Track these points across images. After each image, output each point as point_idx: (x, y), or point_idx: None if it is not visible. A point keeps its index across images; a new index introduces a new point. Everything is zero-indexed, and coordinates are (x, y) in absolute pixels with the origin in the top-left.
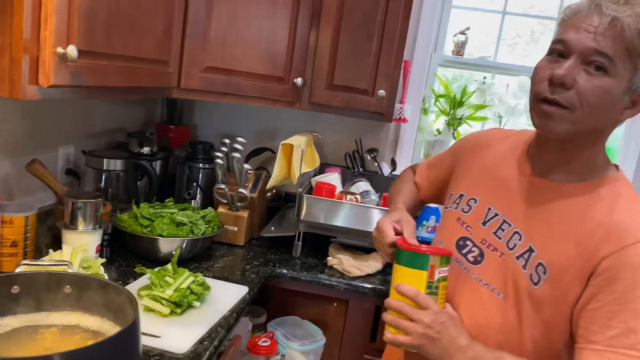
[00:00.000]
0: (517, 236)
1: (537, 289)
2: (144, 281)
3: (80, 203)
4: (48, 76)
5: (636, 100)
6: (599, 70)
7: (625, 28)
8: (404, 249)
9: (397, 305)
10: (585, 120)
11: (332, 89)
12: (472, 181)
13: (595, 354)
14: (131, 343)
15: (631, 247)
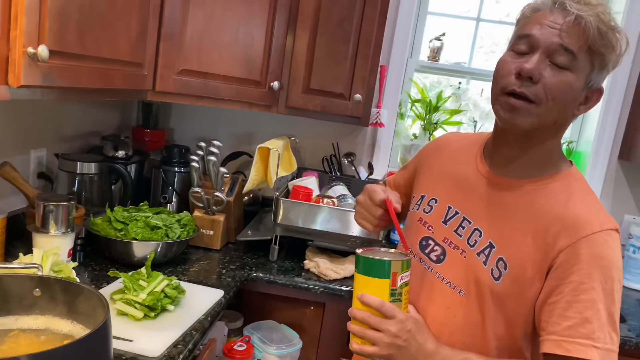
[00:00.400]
0: (477, 233)
1: (498, 284)
2: (117, 285)
3: (52, 206)
4: (18, 76)
5: (589, 96)
6: (563, 65)
7: (588, 26)
8: (364, 257)
9: (362, 315)
10: (549, 114)
11: (309, 92)
12: (432, 182)
13: (553, 344)
14: (101, 345)
15: (586, 239)
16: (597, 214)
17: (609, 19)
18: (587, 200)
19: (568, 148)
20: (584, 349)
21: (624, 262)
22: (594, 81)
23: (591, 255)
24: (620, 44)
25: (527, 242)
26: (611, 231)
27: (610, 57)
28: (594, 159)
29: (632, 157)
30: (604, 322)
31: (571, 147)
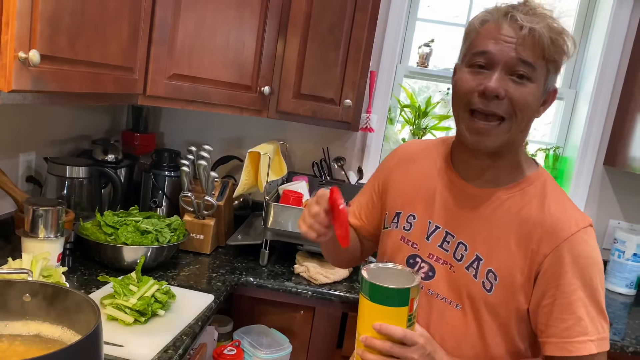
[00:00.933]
0: (462, 247)
1: (490, 295)
2: (107, 290)
3: (42, 210)
4: (9, 81)
5: (547, 99)
6: (523, 78)
7: (542, 38)
8: (380, 286)
9: (384, 347)
10: (518, 126)
11: (299, 97)
12: (405, 198)
13: (555, 346)
14: (92, 351)
15: (567, 242)
16: (572, 214)
17: (558, 25)
18: (561, 201)
19: (555, 153)
20: (583, 346)
21: (609, 266)
22: (550, 84)
23: (573, 257)
24: (569, 46)
25: (512, 251)
26: (587, 228)
27: (562, 61)
28: (580, 165)
29: (617, 163)
30: (594, 316)
31: (557, 152)
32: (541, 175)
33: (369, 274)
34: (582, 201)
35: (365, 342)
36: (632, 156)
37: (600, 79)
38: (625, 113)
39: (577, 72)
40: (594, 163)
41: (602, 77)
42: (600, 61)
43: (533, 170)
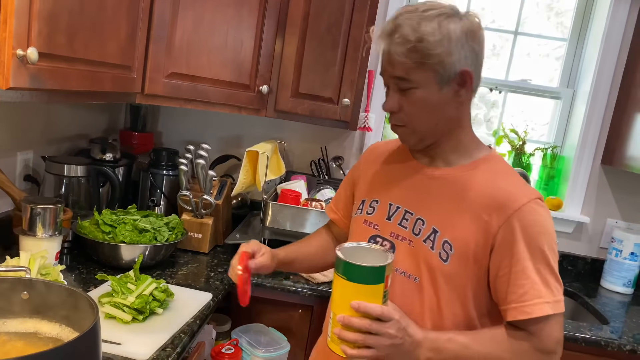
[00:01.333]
0: (420, 222)
1: (447, 265)
2: (105, 288)
3: (39, 209)
4: (7, 78)
5: (460, 82)
6: (407, 88)
7: (395, 56)
8: (357, 265)
9: (363, 324)
10: (423, 129)
11: (298, 96)
12: (370, 187)
13: (515, 311)
14: (90, 349)
15: (517, 212)
16: (522, 188)
17: (409, 36)
18: (511, 177)
19: (552, 153)
20: (539, 307)
21: (607, 265)
22: (448, 73)
23: (524, 227)
24: (437, 39)
25: (466, 223)
26: (536, 200)
27: (437, 55)
28: (577, 164)
29: (614, 162)
30: (548, 280)
31: (555, 152)
32: (493, 158)
33: (343, 254)
34: (580, 200)
35: (342, 321)
36: (629, 155)
37: (598, 78)
38: (623, 112)
39: (574, 71)
40: (592, 162)
41: (599, 76)
42: (598, 60)
43: (485, 153)
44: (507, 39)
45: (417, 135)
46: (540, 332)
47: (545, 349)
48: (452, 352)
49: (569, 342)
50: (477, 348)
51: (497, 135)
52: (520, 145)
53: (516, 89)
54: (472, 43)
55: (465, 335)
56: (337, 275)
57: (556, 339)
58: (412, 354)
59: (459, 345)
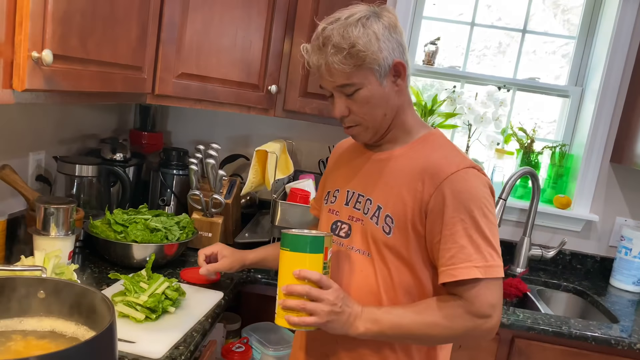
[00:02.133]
0: (368, 202)
1: (390, 237)
2: (117, 287)
3: (53, 209)
4: (22, 80)
5: (395, 72)
6: (352, 92)
7: (332, 67)
8: (298, 235)
9: (304, 289)
10: (375, 123)
11: (306, 96)
12: (333, 179)
13: (443, 274)
14: (107, 347)
15: (447, 180)
16: (454, 158)
17: (341, 44)
18: (446, 150)
19: (561, 151)
20: (467, 271)
21: (616, 263)
22: (384, 67)
23: (453, 193)
24: (367, 41)
25: (404, 196)
26: (467, 169)
27: (370, 54)
28: (586, 162)
29: (624, 160)
30: (480, 244)
31: (564, 150)
32: (432, 135)
33: (289, 231)
34: (589, 199)
35: (285, 290)
36: (639, 153)
37: (607, 75)
38: (632, 110)
39: (583, 69)
40: (601, 160)
41: (608, 74)
42: (607, 58)
43: (425, 131)
44: (512, 36)
45: (370, 130)
46: (471, 296)
47: (478, 312)
48: (388, 321)
49: (578, 340)
50: (413, 316)
51: (506, 134)
52: (528, 143)
53: (524, 87)
54: (396, 35)
55: (403, 306)
56: (282, 250)
57: (489, 303)
58: (352, 324)
59: (395, 315)
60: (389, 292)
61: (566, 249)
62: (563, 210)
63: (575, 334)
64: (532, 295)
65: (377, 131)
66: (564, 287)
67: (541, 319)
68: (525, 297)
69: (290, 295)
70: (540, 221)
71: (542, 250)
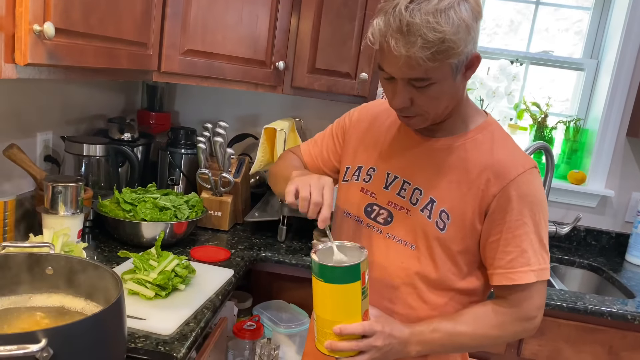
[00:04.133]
0: (417, 192)
1: (444, 233)
2: (127, 265)
3: (61, 187)
4: (25, 54)
5: (469, 65)
6: (423, 85)
7: (418, 60)
8: (331, 266)
9: (351, 347)
10: (436, 114)
11: (314, 72)
12: (367, 153)
13: (501, 277)
14: (116, 321)
15: (513, 182)
16: (518, 157)
17: (431, 38)
18: (508, 145)
19: (575, 126)
20: (525, 275)
21: (632, 239)
22: (459, 64)
23: (519, 195)
24: (457, 35)
25: (463, 192)
26: (532, 169)
27: (457, 53)
28: (602, 137)
29: None
30: (537, 248)
31: (578, 125)
32: (490, 125)
33: (318, 257)
34: (604, 174)
35: (330, 348)
36: None
37: (623, 48)
38: None
39: (598, 41)
40: (617, 135)
41: (625, 46)
42: (623, 30)
43: (482, 120)
44: (525, 14)
45: (429, 121)
46: (522, 299)
47: (527, 315)
48: (439, 340)
49: (594, 316)
50: (462, 330)
51: (519, 109)
52: (542, 118)
53: (538, 60)
54: (478, 24)
55: (449, 320)
56: (314, 278)
57: (537, 306)
58: (402, 352)
59: (444, 333)
60: (431, 284)
61: (581, 225)
62: (577, 185)
63: (590, 310)
64: None
65: (434, 121)
66: (579, 263)
67: (555, 294)
68: None
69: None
70: (554, 197)
71: (556, 227)
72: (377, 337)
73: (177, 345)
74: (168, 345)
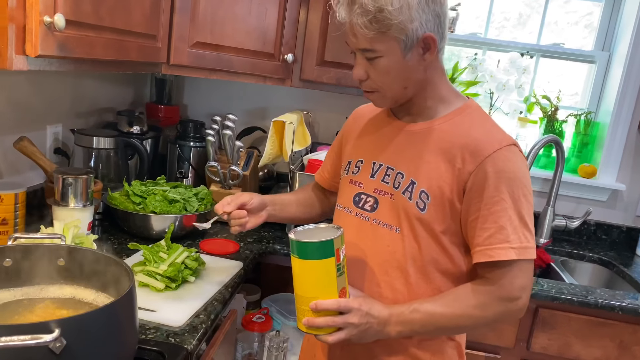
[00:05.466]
0: (400, 176)
1: (424, 214)
2: (137, 258)
3: (71, 179)
4: (35, 46)
5: (424, 46)
6: (373, 57)
7: (357, 27)
8: (304, 242)
9: (326, 322)
10: (392, 91)
11: (323, 65)
12: (356, 148)
13: (479, 254)
14: (128, 312)
15: (489, 158)
16: (495, 135)
17: (370, 7)
18: (486, 125)
19: (586, 119)
20: (504, 252)
21: None
22: (411, 40)
23: (495, 171)
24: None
25: (441, 172)
26: (510, 146)
27: (398, 23)
28: (613, 130)
29: None
30: (517, 225)
31: (589, 118)
32: (469, 107)
33: (295, 235)
34: (615, 168)
35: (307, 324)
36: None
37: (636, 39)
38: None
39: (610, 33)
40: (628, 128)
41: (637, 38)
42: (636, 21)
43: (461, 103)
44: (534, 7)
45: (388, 100)
46: (503, 278)
47: (509, 295)
48: (419, 320)
49: (604, 310)
50: (442, 311)
51: (529, 102)
52: (552, 111)
53: (549, 53)
54: (434, 6)
55: (430, 301)
56: (292, 256)
57: (520, 285)
58: (382, 332)
59: (423, 313)
60: (417, 267)
61: (591, 219)
62: (588, 179)
63: (601, 304)
64: (555, 266)
65: (396, 100)
66: (589, 257)
67: (566, 288)
68: (548, 268)
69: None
70: (565, 191)
71: (566, 221)
72: (354, 314)
73: (187, 337)
74: (178, 337)
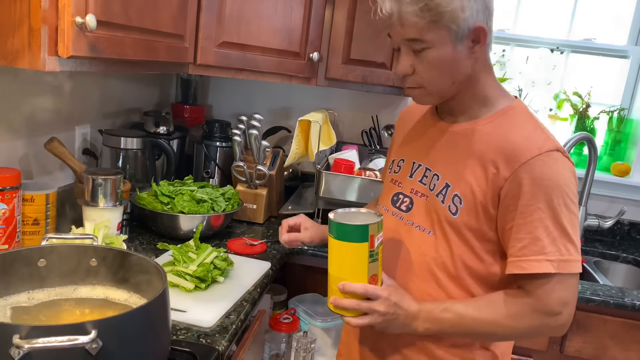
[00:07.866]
0: (436, 177)
1: (455, 217)
2: (166, 258)
3: (101, 179)
4: (68, 46)
5: (475, 38)
6: (421, 49)
7: (406, 17)
8: (340, 223)
9: (351, 305)
10: (439, 87)
11: (349, 63)
12: (399, 147)
13: (511, 265)
14: (162, 313)
15: (525, 165)
16: (535, 140)
17: None
18: (527, 129)
19: (619, 116)
20: (538, 265)
21: None
22: (462, 29)
23: (532, 178)
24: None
25: (477, 176)
26: (550, 152)
27: (450, 11)
28: None
29: None
30: (556, 236)
31: (622, 114)
32: (514, 108)
33: (334, 216)
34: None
35: (334, 303)
36: None
37: None
38: None
39: None
40: None
41: None
42: None
43: (507, 104)
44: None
45: (433, 96)
46: (540, 292)
47: (546, 309)
48: (448, 321)
49: None
50: (474, 315)
51: (559, 99)
52: (583, 108)
53: (580, 48)
54: None
55: (462, 303)
56: (329, 236)
57: (559, 299)
58: (409, 326)
59: (454, 314)
60: (448, 271)
61: (624, 219)
62: (622, 178)
63: (638, 306)
64: (588, 267)
65: (441, 97)
66: (623, 258)
67: (601, 290)
68: None
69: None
70: (597, 190)
71: (599, 220)
72: (381, 303)
73: (218, 337)
74: (209, 338)
